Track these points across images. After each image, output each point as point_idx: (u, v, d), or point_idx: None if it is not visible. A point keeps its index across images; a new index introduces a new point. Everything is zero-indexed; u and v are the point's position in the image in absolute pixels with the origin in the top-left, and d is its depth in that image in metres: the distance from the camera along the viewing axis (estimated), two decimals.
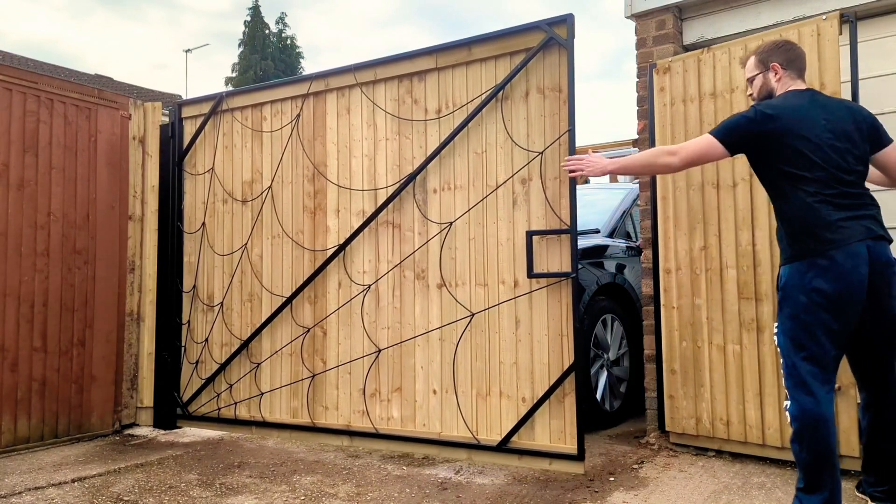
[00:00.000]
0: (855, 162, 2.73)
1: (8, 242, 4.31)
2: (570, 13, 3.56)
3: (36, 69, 11.18)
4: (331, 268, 4.33)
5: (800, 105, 2.75)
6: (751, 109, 2.80)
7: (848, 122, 2.75)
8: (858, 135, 2.75)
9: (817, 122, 2.70)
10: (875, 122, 2.82)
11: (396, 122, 4.14)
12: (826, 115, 2.72)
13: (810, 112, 2.73)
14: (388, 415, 4.07)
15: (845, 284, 2.56)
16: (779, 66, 2.89)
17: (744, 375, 3.62)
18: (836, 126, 2.71)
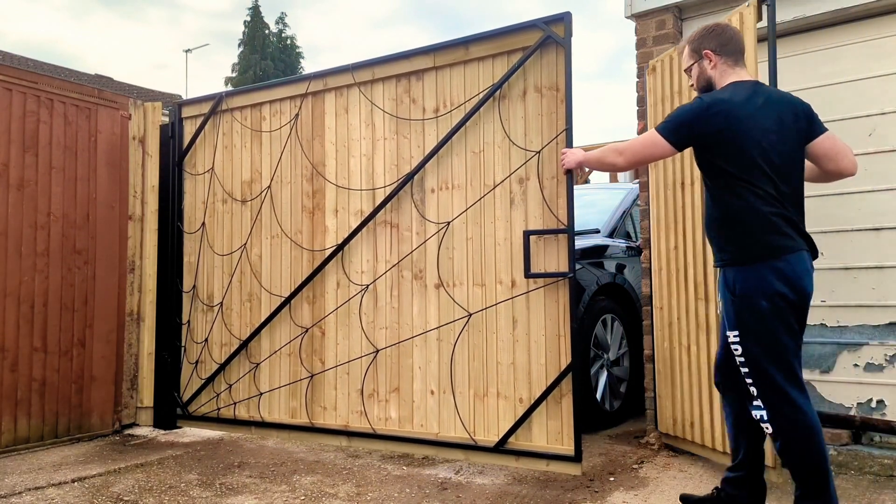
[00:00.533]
0: (797, 164, 2.66)
1: (8, 242, 4.32)
2: (568, 11, 3.56)
3: (36, 69, 11.20)
4: (329, 268, 4.33)
5: (746, 101, 2.63)
6: (696, 101, 2.69)
7: (790, 120, 2.65)
8: (797, 134, 2.66)
9: (763, 121, 2.60)
10: (811, 112, 2.71)
11: (394, 121, 4.14)
12: (771, 114, 2.62)
13: (757, 110, 2.61)
14: (386, 415, 4.07)
15: (802, 287, 2.53)
16: (711, 52, 2.77)
17: (701, 377, 3.64)
18: (780, 126, 2.62)
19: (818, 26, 4.07)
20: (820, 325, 4.03)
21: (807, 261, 2.57)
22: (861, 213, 3.94)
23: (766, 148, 2.58)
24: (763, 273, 2.52)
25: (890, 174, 3.87)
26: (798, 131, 2.67)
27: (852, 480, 3.39)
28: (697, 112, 2.65)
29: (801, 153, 2.69)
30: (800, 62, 4.15)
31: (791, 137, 2.64)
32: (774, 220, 2.54)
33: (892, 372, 3.81)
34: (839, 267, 3.98)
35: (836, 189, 4.01)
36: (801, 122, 2.68)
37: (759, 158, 2.56)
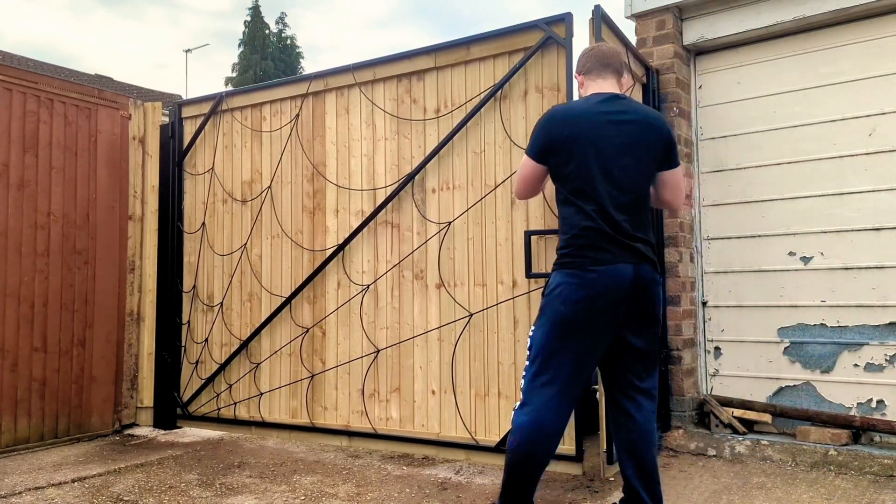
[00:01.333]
0: (640, 179, 2.60)
1: (8, 242, 4.32)
2: (569, 12, 3.56)
3: (36, 69, 11.19)
4: (330, 268, 4.33)
5: (588, 110, 2.62)
6: (545, 114, 2.72)
7: (645, 138, 2.60)
8: (644, 152, 2.59)
9: (604, 132, 2.57)
10: (670, 141, 2.65)
11: (395, 121, 4.14)
12: (620, 128, 2.58)
13: (595, 124, 2.59)
14: (386, 415, 4.07)
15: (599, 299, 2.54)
16: (580, 75, 2.80)
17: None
18: (627, 140, 2.57)
19: (818, 26, 4.08)
20: (820, 325, 4.03)
21: (628, 271, 2.52)
22: (861, 213, 3.94)
23: (614, 162, 2.56)
24: (568, 278, 2.53)
25: (890, 174, 3.87)
26: (646, 149, 2.60)
27: (852, 480, 3.39)
28: (542, 122, 2.68)
29: (647, 170, 2.62)
30: (800, 62, 4.17)
31: (644, 150, 2.59)
32: (585, 232, 2.54)
33: (892, 372, 3.81)
34: (839, 267, 3.98)
35: (837, 189, 4.02)
36: (658, 145, 2.62)
37: (591, 169, 2.55)
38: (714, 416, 4.09)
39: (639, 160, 2.59)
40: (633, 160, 2.57)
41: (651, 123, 2.63)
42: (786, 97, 4.19)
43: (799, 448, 3.73)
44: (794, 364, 4.10)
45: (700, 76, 4.51)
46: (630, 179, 2.57)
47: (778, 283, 4.17)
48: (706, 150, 4.46)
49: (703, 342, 4.42)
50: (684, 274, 4.31)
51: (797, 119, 4.16)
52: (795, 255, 4.12)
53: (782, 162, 4.19)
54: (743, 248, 4.30)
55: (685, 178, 2.80)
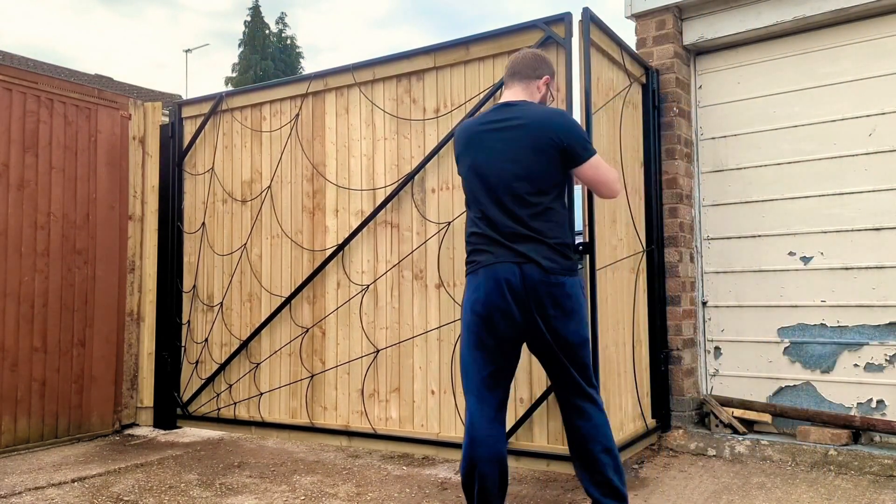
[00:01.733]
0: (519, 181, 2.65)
1: (8, 242, 4.32)
2: (568, 12, 3.55)
3: (36, 69, 11.19)
4: (329, 268, 4.33)
5: (480, 121, 2.79)
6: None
7: (523, 138, 2.66)
8: (534, 154, 2.64)
9: (490, 140, 2.71)
10: (566, 140, 2.65)
11: (395, 121, 4.14)
12: (505, 134, 2.68)
13: (476, 134, 2.75)
14: (386, 415, 4.07)
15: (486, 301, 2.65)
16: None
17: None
18: (510, 149, 2.66)
19: (818, 26, 4.08)
20: (820, 325, 4.03)
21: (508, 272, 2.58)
22: (861, 213, 3.94)
23: (494, 168, 2.68)
24: (468, 285, 2.69)
25: (890, 174, 3.87)
26: (541, 152, 2.64)
27: (852, 480, 3.39)
28: (455, 134, 2.87)
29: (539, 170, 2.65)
30: (800, 62, 4.16)
31: (532, 152, 2.65)
32: (472, 238, 2.72)
33: (892, 372, 3.81)
34: (839, 267, 3.98)
35: (837, 189, 4.02)
36: (550, 146, 2.65)
37: (474, 178, 2.72)
38: (714, 416, 4.09)
39: (527, 163, 2.65)
40: (516, 164, 2.65)
41: (541, 125, 2.68)
42: (786, 97, 4.19)
43: (799, 448, 3.73)
44: (794, 364, 4.10)
45: (700, 76, 4.51)
46: (513, 183, 2.65)
47: (778, 283, 4.17)
48: (706, 150, 4.46)
49: (703, 342, 4.42)
50: (684, 274, 4.31)
51: (797, 119, 4.15)
52: (795, 255, 4.12)
53: (782, 162, 4.18)
54: (743, 248, 4.30)
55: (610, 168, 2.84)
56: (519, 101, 2.79)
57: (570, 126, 2.72)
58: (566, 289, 2.61)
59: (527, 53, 2.90)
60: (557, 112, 2.80)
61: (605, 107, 3.78)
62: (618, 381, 3.78)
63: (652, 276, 4.22)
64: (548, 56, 2.97)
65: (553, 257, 2.61)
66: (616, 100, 3.91)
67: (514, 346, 2.70)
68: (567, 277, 2.63)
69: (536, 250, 2.60)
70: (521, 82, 2.83)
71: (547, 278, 2.58)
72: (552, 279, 2.59)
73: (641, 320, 4.15)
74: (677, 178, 4.28)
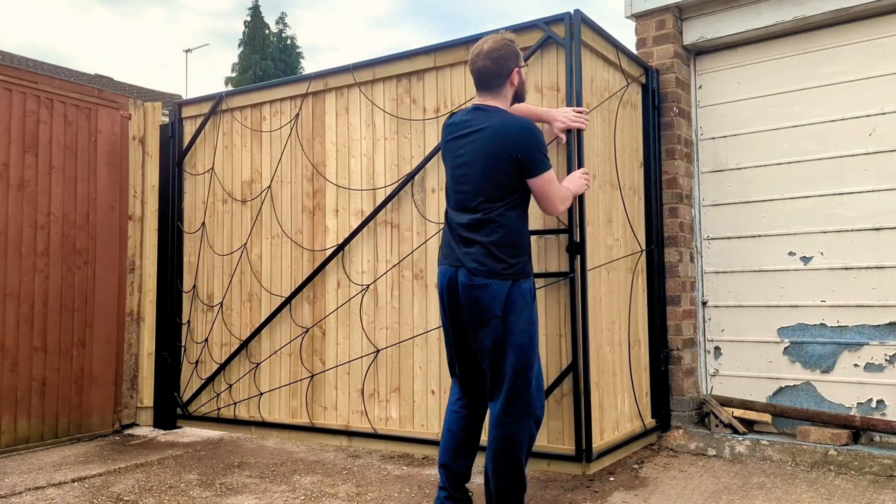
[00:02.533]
0: (476, 186, 2.78)
1: (8, 242, 4.32)
2: (568, 12, 3.55)
3: (36, 69, 11.19)
4: (329, 268, 4.33)
5: (455, 123, 2.94)
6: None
7: (483, 149, 2.78)
8: (490, 161, 2.76)
9: (460, 145, 2.86)
10: (521, 151, 2.75)
11: (395, 121, 4.14)
12: (470, 140, 2.82)
13: (450, 136, 2.92)
14: (386, 415, 4.07)
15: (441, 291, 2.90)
16: None
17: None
18: (477, 154, 2.79)
19: (818, 26, 4.08)
20: (820, 324, 4.03)
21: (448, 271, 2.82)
22: (861, 213, 3.94)
23: (453, 173, 2.89)
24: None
25: (890, 174, 3.87)
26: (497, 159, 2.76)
27: (852, 480, 3.39)
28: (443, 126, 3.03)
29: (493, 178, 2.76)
30: (800, 62, 4.16)
31: (491, 159, 2.76)
32: (443, 232, 2.96)
33: (892, 372, 3.81)
34: (839, 267, 3.98)
35: (837, 189, 4.02)
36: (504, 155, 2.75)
37: (449, 180, 2.93)
38: (714, 416, 4.09)
39: (483, 169, 2.77)
40: (473, 169, 2.79)
41: (500, 134, 2.79)
42: (786, 97, 4.19)
43: (799, 448, 3.73)
44: (794, 364, 4.10)
45: (700, 76, 4.51)
46: (469, 188, 2.80)
47: (778, 283, 4.17)
48: (706, 150, 4.46)
49: (703, 342, 4.42)
50: (684, 274, 4.31)
51: (797, 119, 4.16)
52: (795, 255, 4.12)
53: (782, 162, 4.18)
54: (743, 248, 4.30)
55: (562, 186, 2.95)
56: (488, 107, 2.90)
57: (528, 139, 2.79)
58: (490, 291, 2.71)
59: (485, 63, 2.88)
60: (518, 123, 2.83)
61: (600, 107, 3.78)
62: (613, 381, 3.78)
63: (652, 276, 4.22)
64: (508, 43, 2.90)
65: (484, 261, 2.72)
66: (612, 100, 3.91)
67: (460, 338, 2.88)
68: (496, 280, 2.71)
69: (472, 255, 2.75)
70: (489, 91, 2.92)
71: (471, 280, 2.72)
72: (476, 281, 2.71)
73: (640, 320, 4.15)
74: (677, 177, 4.28)
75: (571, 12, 3.55)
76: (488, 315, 2.71)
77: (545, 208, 2.94)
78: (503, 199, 2.75)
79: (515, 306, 2.72)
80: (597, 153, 3.74)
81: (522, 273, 2.77)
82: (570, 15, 3.55)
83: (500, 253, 2.71)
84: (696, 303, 4.41)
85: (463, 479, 2.93)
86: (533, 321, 2.81)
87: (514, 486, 2.75)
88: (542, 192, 2.84)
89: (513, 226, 2.76)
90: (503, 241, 2.73)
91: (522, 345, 2.72)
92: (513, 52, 2.89)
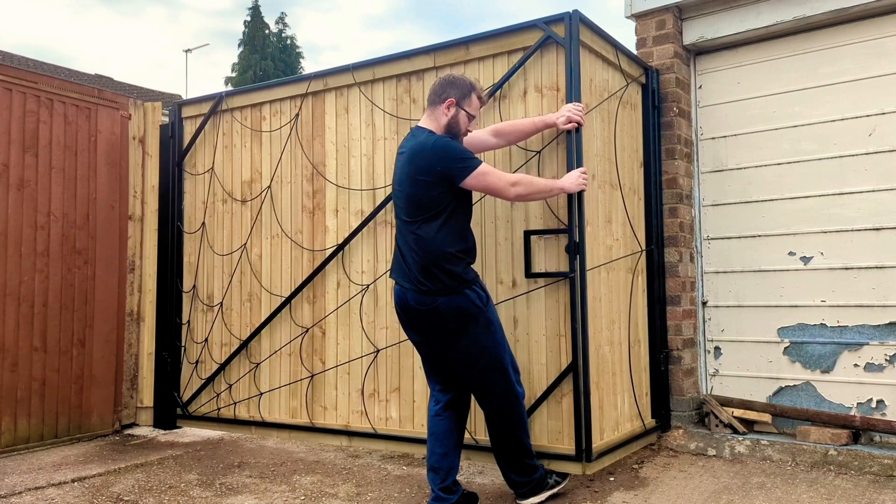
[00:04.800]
0: (402, 208, 2.99)
1: (8, 242, 4.32)
2: (567, 11, 3.55)
3: (36, 69, 11.20)
4: (329, 268, 4.33)
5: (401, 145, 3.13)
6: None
7: (405, 168, 2.98)
8: (411, 179, 2.93)
9: (398, 165, 3.07)
10: (440, 167, 2.89)
11: (395, 121, 4.14)
12: (402, 159, 3.03)
13: (399, 154, 3.09)
14: (386, 415, 4.07)
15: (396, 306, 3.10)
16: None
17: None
18: (403, 171, 3.00)
19: (818, 26, 4.08)
20: (820, 324, 4.03)
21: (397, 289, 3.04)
22: (861, 213, 3.94)
23: (396, 189, 3.07)
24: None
25: (890, 174, 3.87)
26: (416, 178, 2.91)
27: (852, 480, 3.39)
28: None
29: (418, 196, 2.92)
30: (800, 62, 4.16)
31: (409, 181, 2.94)
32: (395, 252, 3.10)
33: (892, 372, 3.81)
34: (839, 267, 3.98)
35: (837, 189, 4.02)
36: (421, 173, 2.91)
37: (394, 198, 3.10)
38: (714, 416, 4.09)
39: (409, 188, 2.94)
40: (402, 189, 2.99)
41: (416, 156, 2.96)
42: (786, 97, 4.19)
43: (799, 448, 3.73)
44: (794, 364, 4.10)
45: (700, 76, 4.51)
46: (401, 208, 3.00)
47: (778, 283, 4.17)
48: (706, 150, 4.46)
49: (703, 342, 4.42)
50: (684, 274, 4.31)
51: (797, 119, 4.15)
52: (795, 255, 4.12)
53: (782, 162, 4.18)
54: (743, 248, 4.30)
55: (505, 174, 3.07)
56: (419, 128, 3.06)
57: (440, 153, 2.91)
58: (440, 308, 2.88)
59: (439, 79, 3.13)
60: (430, 142, 2.95)
61: (599, 107, 3.78)
62: (612, 381, 3.78)
63: (652, 276, 4.22)
64: (464, 79, 3.09)
65: (423, 280, 2.88)
66: (611, 100, 3.91)
67: (428, 350, 3.05)
68: (442, 297, 2.87)
69: (408, 276, 2.93)
70: (428, 108, 3.08)
71: (420, 300, 2.90)
72: (424, 300, 2.89)
73: (640, 320, 4.15)
74: (677, 177, 4.28)
75: (571, 12, 3.55)
76: (444, 330, 2.90)
77: (501, 197, 3.12)
78: (425, 215, 2.90)
79: (465, 316, 2.88)
80: (596, 153, 3.74)
81: (463, 283, 2.91)
82: (570, 15, 3.55)
83: (436, 270, 2.87)
84: (696, 303, 4.41)
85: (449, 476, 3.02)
86: (489, 322, 2.95)
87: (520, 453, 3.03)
88: (483, 187, 2.97)
89: (438, 240, 2.88)
90: (434, 257, 2.87)
91: (483, 350, 2.91)
92: (460, 87, 3.04)
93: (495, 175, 2.99)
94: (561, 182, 3.23)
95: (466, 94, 3.04)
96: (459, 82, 3.06)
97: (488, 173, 2.96)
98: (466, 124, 3.09)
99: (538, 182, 3.18)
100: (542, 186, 3.17)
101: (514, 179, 3.04)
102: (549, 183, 3.23)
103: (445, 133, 3.04)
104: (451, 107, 3.02)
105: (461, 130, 3.08)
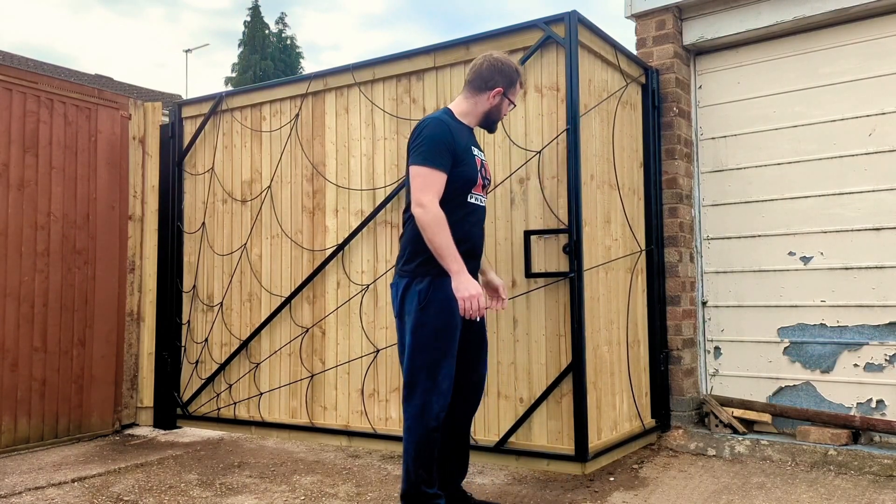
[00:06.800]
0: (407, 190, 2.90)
1: (8, 242, 4.32)
2: (567, 12, 3.55)
3: (36, 69, 11.20)
4: (329, 268, 4.33)
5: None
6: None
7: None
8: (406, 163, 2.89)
9: None
10: (410, 140, 2.86)
11: (395, 121, 4.14)
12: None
13: None
14: (386, 415, 4.07)
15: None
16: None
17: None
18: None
19: (818, 26, 4.08)
20: (820, 324, 4.03)
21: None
22: (861, 213, 3.94)
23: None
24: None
25: (890, 174, 3.87)
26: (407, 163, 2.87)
27: (852, 480, 3.39)
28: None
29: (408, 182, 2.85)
30: (800, 62, 4.16)
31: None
32: None
33: (892, 372, 3.81)
34: (839, 267, 3.98)
35: (837, 189, 4.02)
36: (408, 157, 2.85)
37: None
38: (714, 416, 4.09)
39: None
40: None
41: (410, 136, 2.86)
42: (786, 97, 4.19)
43: (799, 448, 3.73)
44: (794, 364, 4.10)
45: (700, 76, 4.51)
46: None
47: (778, 283, 4.17)
48: (706, 150, 4.46)
49: (702, 342, 4.42)
50: (684, 274, 4.31)
51: (797, 119, 4.16)
52: (795, 255, 4.12)
53: (782, 162, 4.18)
54: (743, 248, 4.30)
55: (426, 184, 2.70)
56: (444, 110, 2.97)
57: (416, 134, 2.84)
58: (395, 289, 2.85)
59: (484, 61, 2.91)
60: (420, 124, 2.87)
61: (598, 108, 3.78)
62: (611, 381, 3.78)
63: (652, 276, 4.22)
64: (510, 64, 2.89)
65: (402, 264, 2.84)
66: (611, 100, 3.91)
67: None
68: (398, 278, 2.85)
69: (399, 256, 2.89)
70: (468, 90, 2.93)
71: (394, 281, 2.89)
72: (396, 281, 2.87)
73: (640, 320, 4.15)
74: (677, 177, 4.28)
75: (570, 13, 3.55)
76: (398, 310, 2.86)
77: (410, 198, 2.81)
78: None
79: (407, 306, 2.78)
80: (595, 153, 3.75)
81: (420, 273, 2.73)
82: (569, 15, 3.55)
83: (405, 252, 2.83)
84: (695, 303, 4.41)
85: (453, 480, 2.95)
86: (423, 324, 2.68)
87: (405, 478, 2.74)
88: (410, 181, 2.80)
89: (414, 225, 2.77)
90: (408, 240, 2.83)
91: (414, 344, 2.73)
92: (508, 75, 2.89)
93: (420, 180, 2.68)
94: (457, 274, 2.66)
95: (513, 83, 2.91)
96: (507, 69, 2.87)
97: (419, 175, 2.69)
98: (506, 112, 3.00)
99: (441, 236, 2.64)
100: (439, 243, 2.64)
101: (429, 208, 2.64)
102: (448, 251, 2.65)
103: (482, 119, 2.93)
104: (497, 96, 2.89)
105: (500, 118, 2.99)
